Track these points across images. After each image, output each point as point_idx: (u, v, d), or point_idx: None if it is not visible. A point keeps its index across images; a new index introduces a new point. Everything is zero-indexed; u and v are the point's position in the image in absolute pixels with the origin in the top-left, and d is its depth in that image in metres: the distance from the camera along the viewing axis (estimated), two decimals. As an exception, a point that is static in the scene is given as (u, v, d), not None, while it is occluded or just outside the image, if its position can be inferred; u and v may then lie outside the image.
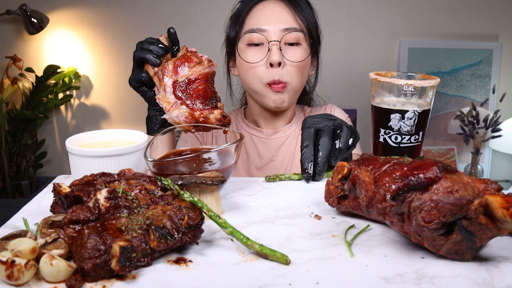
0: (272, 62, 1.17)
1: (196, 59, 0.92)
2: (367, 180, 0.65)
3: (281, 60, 1.18)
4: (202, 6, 2.71)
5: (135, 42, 1.00)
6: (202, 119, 0.89)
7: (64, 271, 0.54)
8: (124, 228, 0.59)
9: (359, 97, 2.75)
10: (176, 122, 0.90)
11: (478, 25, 2.76)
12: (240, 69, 1.27)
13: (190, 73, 0.91)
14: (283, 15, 1.21)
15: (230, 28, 1.28)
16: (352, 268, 0.59)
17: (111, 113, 2.82)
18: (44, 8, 2.63)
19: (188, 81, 0.90)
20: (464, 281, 0.56)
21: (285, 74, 1.19)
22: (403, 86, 0.87)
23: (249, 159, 1.32)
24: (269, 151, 1.32)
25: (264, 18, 1.21)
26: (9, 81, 2.63)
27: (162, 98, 0.91)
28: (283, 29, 1.19)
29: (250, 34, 1.21)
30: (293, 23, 1.21)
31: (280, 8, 1.22)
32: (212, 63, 0.93)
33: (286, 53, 1.19)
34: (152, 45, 0.95)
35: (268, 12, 1.21)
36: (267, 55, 1.19)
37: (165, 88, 0.91)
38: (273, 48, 1.18)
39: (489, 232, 0.58)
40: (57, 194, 0.67)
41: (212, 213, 0.64)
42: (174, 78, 0.91)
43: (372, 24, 2.74)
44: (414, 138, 0.89)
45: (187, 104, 0.89)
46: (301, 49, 1.22)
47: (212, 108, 0.90)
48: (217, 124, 0.89)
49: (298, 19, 1.21)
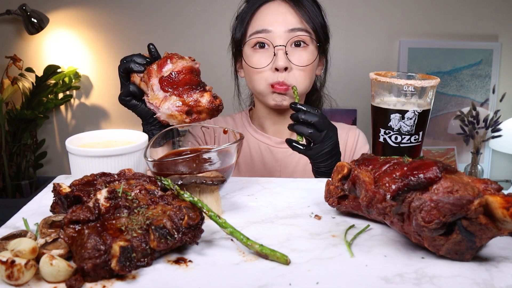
0: (278, 67, 1.16)
1: (178, 56, 0.95)
2: (367, 180, 0.65)
3: (287, 64, 1.16)
4: (202, 6, 2.71)
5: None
6: (193, 103, 0.90)
7: (64, 271, 0.54)
8: (124, 228, 0.59)
9: (359, 97, 2.75)
10: (169, 115, 0.91)
11: (478, 25, 2.76)
12: (246, 72, 1.27)
13: (174, 66, 0.93)
14: (288, 16, 1.19)
15: (236, 30, 1.27)
16: (352, 268, 0.59)
17: (111, 113, 2.82)
18: (44, 8, 2.63)
19: (173, 74, 0.92)
20: (464, 281, 0.56)
21: (290, 77, 1.18)
22: (403, 86, 0.87)
23: (254, 165, 1.31)
24: (275, 160, 1.30)
25: (269, 19, 1.19)
26: (9, 81, 2.63)
27: (151, 98, 0.93)
28: (288, 30, 1.17)
29: (255, 37, 1.19)
30: (298, 23, 1.19)
31: (285, 9, 1.20)
32: (196, 61, 0.95)
33: (292, 56, 1.17)
34: (134, 57, 0.98)
35: (273, 13, 1.20)
36: (272, 60, 1.17)
37: (153, 87, 0.93)
38: (279, 53, 1.16)
39: (489, 232, 0.58)
40: (57, 194, 0.67)
41: (212, 213, 0.64)
42: (159, 76, 0.93)
43: (372, 24, 2.74)
44: (414, 138, 0.89)
45: (175, 94, 0.91)
46: (308, 51, 1.20)
47: (201, 91, 0.92)
48: (209, 106, 0.91)
49: (303, 20, 1.19)
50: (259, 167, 1.31)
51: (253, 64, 1.20)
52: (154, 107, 0.93)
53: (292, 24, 1.18)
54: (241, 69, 1.32)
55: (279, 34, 1.17)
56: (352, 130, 1.37)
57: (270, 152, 1.31)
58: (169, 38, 2.72)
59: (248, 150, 1.33)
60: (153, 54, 0.99)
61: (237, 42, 1.26)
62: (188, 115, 0.92)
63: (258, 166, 1.31)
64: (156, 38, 2.71)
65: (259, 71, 1.19)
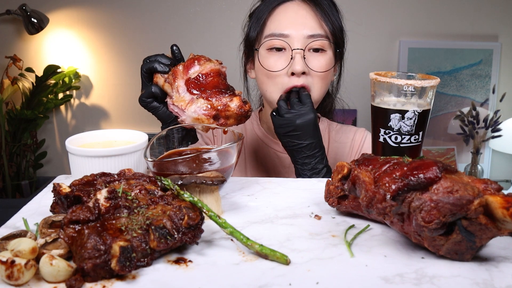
0: (295, 72, 1.10)
1: (205, 58, 0.92)
2: (367, 180, 0.65)
3: (305, 69, 1.11)
4: (202, 6, 2.71)
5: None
6: (222, 107, 0.87)
7: (64, 271, 0.54)
8: (124, 228, 0.59)
9: (359, 97, 2.74)
10: (194, 119, 0.88)
11: (478, 25, 2.76)
12: (258, 74, 1.20)
13: (201, 68, 0.90)
14: (307, 20, 1.13)
15: (251, 29, 1.20)
16: (352, 268, 0.59)
17: (111, 113, 2.82)
18: (44, 8, 2.63)
19: (200, 76, 0.89)
20: (464, 281, 0.56)
21: (308, 82, 1.12)
22: (403, 86, 0.87)
23: (262, 171, 1.28)
24: (282, 166, 1.27)
25: (287, 22, 1.13)
26: (9, 81, 2.63)
27: (176, 100, 0.90)
28: (307, 35, 1.12)
29: (272, 39, 1.13)
30: (318, 28, 1.13)
31: (304, 11, 1.14)
32: (223, 65, 0.92)
33: (310, 62, 1.12)
34: (158, 57, 0.94)
35: (291, 15, 1.14)
36: (289, 64, 1.12)
37: (178, 89, 0.90)
38: (297, 57, 1.10)
39: (489, 232, 0.58)
40: (57, 194, 0.67)
41: (212, 213, 0.64)
42: (186, 77, 0.90)
43: (372, 24, 2.74)
44: (414, 138, 0.89)
45: (203, 97, 0.88)
46: (326, 57, 1.14)
47: (230, 95, 0.88)
48: (238, 111, 0.87)
49: (323, 24, 1.14)
50: (266, 174, 1.28)
51: (268, 66, 1.14)
52: (178, 110, 0.90)
53: (311, 29, 1.12)
54: (251, 70, 1.26)
55: (297, 39, 1.12)
56: (359, 131, 1.33)
57: (278, 159, 1.27)
58: (169, 38, 2.71)
59: (255, 155, 1.30)
60: (176, 55, 0.96)
61: (252, 42, 1.20)
62: (215, 119, 0.88)
63: (266, 172, 1.28)
64: (156, 38, 2.71)
65: (274, 74, 1.14)
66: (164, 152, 0.88)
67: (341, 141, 1.31)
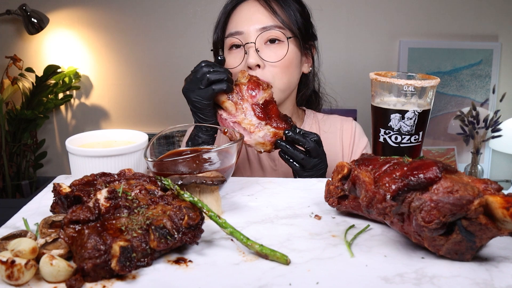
0: (250, 65, 1.13)
1: (264, 83, 1.02)
2: (367, 180, 0.65)
3: (259, 62, 1.14)
4: (202, 6, 2.71)
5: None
6: None
7: (64, 271, 0.54)
8: (124, 228, 0.59)
9: (359, 97, 2.75)
10: (260, 143, 0.97)
11: (478, 25, 2.76)
12: None
13: (266, 95, 1.00)
14: (259, 14, 1.17)
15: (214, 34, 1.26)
16: (352, 268, 0.59)
17: (111, 113, 2.82)
18: (44, 8, 2.63)
19: (264, 103, 1.00)
20: (464, 281, 0.56)
21: (266, 74, 1.14)
22: (403, 86, 0.87)
23: (252, 167, 1.30)
24: (271, 159, 1.29)
25: (242, 20, 1.18)
26: (9, 81, 2.63)
27: (242, 121, 0.98)
28: (259, 28, 1.15)
29: (230, 38, 1.18)
30: (268, 21, 1.16)
31: (256, 8, 1.18)
32: None
33: (264, 54, 1.15)
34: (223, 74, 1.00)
35: (245, 13, 1.18)
36: (244, 58, 1.15)
37: (245, 112, 0.98)
38: (250, 51, 1.14)
39: (489, 232, 0.58)
40: (57, 194, 0.67)
41: (212, 213, 0.64)
42: (251, 101, 0.99)
43: (372, 24, 2.74)
44: (414, 138, 0.89)
45: (271, 124, 0.98)
46: (282, 47, 1.16)
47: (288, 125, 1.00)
48: None
49: (274, 17, 1.17)
50: (256, 167, 1.30)
51: (228, 64, 1.18)
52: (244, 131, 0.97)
53: (263, 22, 1.16)
54: None
55: (250, 34, 1.15)
56: (347, 122, 1.35)
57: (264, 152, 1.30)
58: (169, 38, 2.72)
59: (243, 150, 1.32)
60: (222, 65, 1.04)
61: (214, 45, 1.26)
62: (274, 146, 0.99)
63: (255, 165, 1.30)
64: (156, 38, 2.71)
65: (234, 71, 1.17)
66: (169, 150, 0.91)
67: (330, 131, 1.34)
